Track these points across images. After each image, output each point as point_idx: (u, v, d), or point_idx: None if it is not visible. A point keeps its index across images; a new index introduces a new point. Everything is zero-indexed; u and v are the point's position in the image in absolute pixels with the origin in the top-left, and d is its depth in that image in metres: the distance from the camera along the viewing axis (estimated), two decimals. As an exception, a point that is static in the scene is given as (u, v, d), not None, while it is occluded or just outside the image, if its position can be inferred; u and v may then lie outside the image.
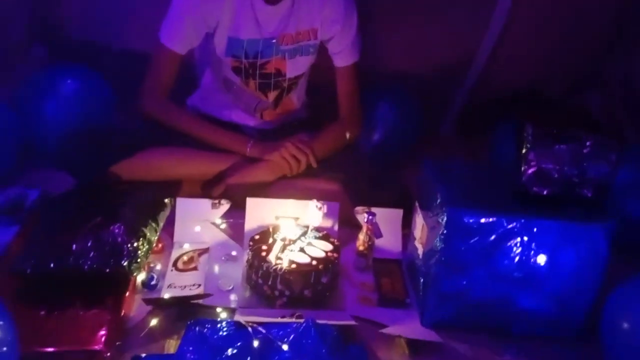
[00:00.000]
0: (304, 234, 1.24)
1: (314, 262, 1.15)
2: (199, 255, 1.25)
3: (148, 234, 1.14)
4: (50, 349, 0.92)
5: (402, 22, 1.81)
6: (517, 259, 1.10)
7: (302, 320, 1.00)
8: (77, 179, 1.41)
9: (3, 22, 1.73)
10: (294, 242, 1.21)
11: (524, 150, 1.09)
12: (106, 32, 1.77)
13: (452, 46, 1.87)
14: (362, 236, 1.28)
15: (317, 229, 1.26)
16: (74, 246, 1.04)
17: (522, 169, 1.10)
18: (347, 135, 1.53)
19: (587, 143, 1.09)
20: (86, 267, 1.02)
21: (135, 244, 1.09)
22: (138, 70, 1.47)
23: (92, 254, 1.04)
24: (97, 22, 1.78)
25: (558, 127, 1.13)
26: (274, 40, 1.45)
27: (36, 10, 1.84)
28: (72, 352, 0.92)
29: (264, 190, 1.41)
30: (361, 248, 1.28)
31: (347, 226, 1.34)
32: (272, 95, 1.54)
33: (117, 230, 1.08)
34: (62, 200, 1.24)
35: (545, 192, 1.11)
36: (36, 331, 0.94)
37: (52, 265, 1.02)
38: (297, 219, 1.29)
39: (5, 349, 0.76)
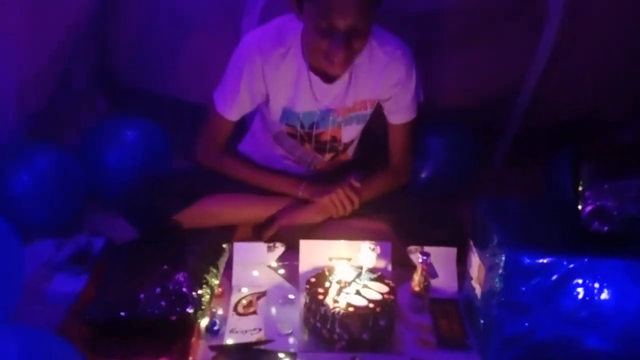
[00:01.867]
0: (359, 275, 1.25)
1: (371, 305, 1.16)
2: (257, 298, 1.28)
3: (210, 280, 1.18)
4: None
5: (449, 56, 1.81)
6: (580, 298, 1.07)
7: (363, 366, 1.01)
8: (139, 228, 1.48)
9: (68, 74, 1.84)
10: (350, 284, 1.22)
11: (580, 189, 1.08)
12: (163, 82, 1.86)
13: (500, 75, 1.86)
14: (417, 277, 1.28)
15: (371, 270, 1.27)
16: (142, 295, 1.09)
17: (580, 207, 1.08)
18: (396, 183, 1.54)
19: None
20: (154, 315, 1.07)
21: (199, 292, 1.13)
22: (193, 119, 1.54)
23: (159, 302, 1.08)
24: (154, 73, 1.87)
25: (615, 161, 1.11)
26: (331, 113, 1.46)
27: (98, 63, 1.96)
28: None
29: (315, 232, 1.43)
30: (417, 289, 1.28)
31: (399, 266, 1.35)
32: (328, 156, 1.56)
33: (181, 279, 1.13)
34: (128, 249, 1.30)
35: (605, 229, 1.09)
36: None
37: (122, 314, 1.07)
38: (349, 259, 1.31)
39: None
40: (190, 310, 1.09)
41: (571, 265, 1.06)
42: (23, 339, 0.80)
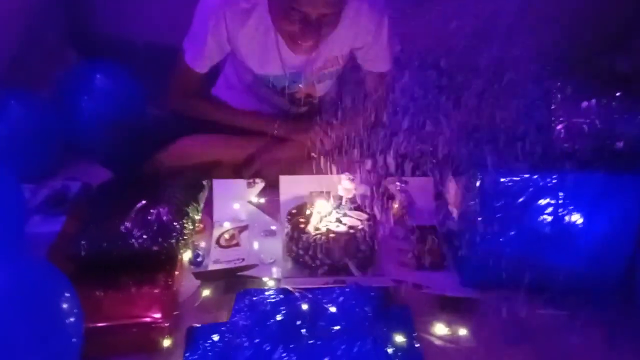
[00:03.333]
0: (339, 205, 1.27)
1: (352, 231, 1.19)
2: (239, 232, 1.29)
3: (191, 213, 1.19)
4: (111, 323, 0.97)
5: None
6: (550, 216, 1.11)
7: (345, 285, 1.04)
8: (115, 172, 1.47)
9: (40, 29, 1.80)
10: (330, 213, 1.24)
11: (552, 107, 1.11)
12: (133, 27, 1.82)
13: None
14: (396, 205, 1.31)
15: (351, 201, 1.29)
16: (123, 228, 1.09)
17: (552, 125, 1.11)
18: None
19: (616, 95, 1.09)
20: (136, 246, 1.07)
21: (180, 223, 1.14)
22: (166, 62, 1.51)
23: (141, 234, 1.09)
24: (124, 18, 1.83)
25: (586, 83, 1.14)
26: (301, 75, 1.44)
27: (68, 14, 1.91)
28: (134, 324, 0.97)
29: (294, 170, 1.44)
30: (396, 216, 1.31)
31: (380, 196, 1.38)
32: (303, 108, 1.56)
33: (162, 211, 1.13)
34: (105, 189, 1.30)
35: (576, 147, 1.12)
36: (95, 309, 0.98)
37: (104, 246, 1.07)
38: (329, 192, 1.33)
39: (72, 319, 0.82)
40: (172, 241, 1.10)
41: (542, 183, 1.10)
42: (13, 265, 0.81)
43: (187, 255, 1.18)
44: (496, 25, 1.85)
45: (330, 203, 1.27)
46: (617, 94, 1.10)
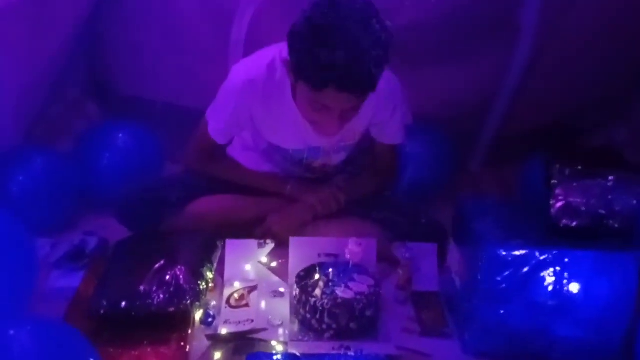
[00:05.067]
0: (346, 270, 1.32)
1: (358, 297, 1.23)
2: (249, 292, 1.34)
3: (205, 274, 1.24)
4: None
5: (427, 68, 1.89)
6: (550, 288, 1.16)
7: (351, 352, 1.08)
8: (131, 229, 1.52)
9: (61, 82, 1.89)
10: (338, 278, 1.29)
11: (551, 186, 1.17)
12: (154, 88, 1.91)
13: (478, 86, 1.94)
14: (401, 270, 1.35)
15: (357, 265, 1.34)
16: (142, 288, 1.14)
17: (551, 203, 1.17)
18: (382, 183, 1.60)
19: (610, 178, 1.16)
20: (154, 307, 1.12)
21: (195, 284, 1.19)
22: (183, 123, 1.60)
23: (158, 294, 1.14)
24: (145, 79, 1.92)
25: (583, 163, 1.20)
26: (320, 149, 1.48)
27: (89, 70, 2.01)
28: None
29: (304, 230, 1.49)
30: (401, 282, 1.35)
31: (384, 261, 1.42)
32: (318, 174, 1.60)
33: (179, 272, 1.18)
34: (123, 247, 1.35)
35: (574, 224, 1.18)
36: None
37: (123, 305, 1.12)
38: (337, 255, 1.38)
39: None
40: (187, 302, 1.15)
41: (542, 257, 1.15)
42: (35, 329, 0.85)
43: (198, 315, 1.22)
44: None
45: (338, 267, 1.32)
46: (611, 177, 1.16)
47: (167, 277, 1.17)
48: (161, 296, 1.14)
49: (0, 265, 1.11)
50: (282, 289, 1.35)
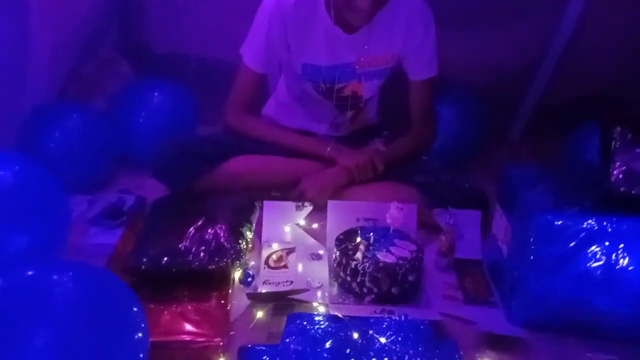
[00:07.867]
0: (386, 234, 1.29)
1: (400, 262, 1.20)
2: (287, 254, 1.32)
3: (245, 233, 1.22)
4: (167, 339, 1.00)
5: (469, 30, 1.83)
6: (603, 259, 1.11)
7: (395, 316, 1.05)
8: (169, 187, 1.52)
9: (94, 41, 1.87)
10: (378, 242, 1.26)
11: (611, 151, 1.11)
12: (187, 43, 1.88)
13: (520, 52, 1.88)
14: (443, 237, 1.32)
15: (398, 230, 1.31)
16: (182, 245, 1.13)
17: (610, 169, 1.11)
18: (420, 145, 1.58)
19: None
20: (194, 264, 1.11)
21: (236, 243, 1.17)
22: (217, 78, 1.58)
23: (199, 252, 1.12)
24: (179, 35, 1.89)
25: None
26: (352, 66, 1.49)
27: (122, 29, 1.98)
28: (190, 341, 0.99)
29: (339, 194, 1.47)
30: (443, 248, 1.31)
31: (423, 228, 1.39)
32: (349, 113, 1.60)
33: (220, 231, 1.16)
34: (162, 205, 1.34)
35: (633, 192, 1.12)
36: (152, 324, 1.02)
37: (164, 261, 1.10)
38: (376, 220, 1.35)
39: (140, 335, 0.84)
40: (228, 261, 1.13)
41: (597, 226, 1.10)
42: (78, 274, 0.84)
43: (237, 274, 1.21)
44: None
45: (378, 231, 1.29)
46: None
47: (208, 236, 1.15)
48: (202, 254, 1.12)
49: (33, 218, 1.10)
50: (320, 251, 1.33)
